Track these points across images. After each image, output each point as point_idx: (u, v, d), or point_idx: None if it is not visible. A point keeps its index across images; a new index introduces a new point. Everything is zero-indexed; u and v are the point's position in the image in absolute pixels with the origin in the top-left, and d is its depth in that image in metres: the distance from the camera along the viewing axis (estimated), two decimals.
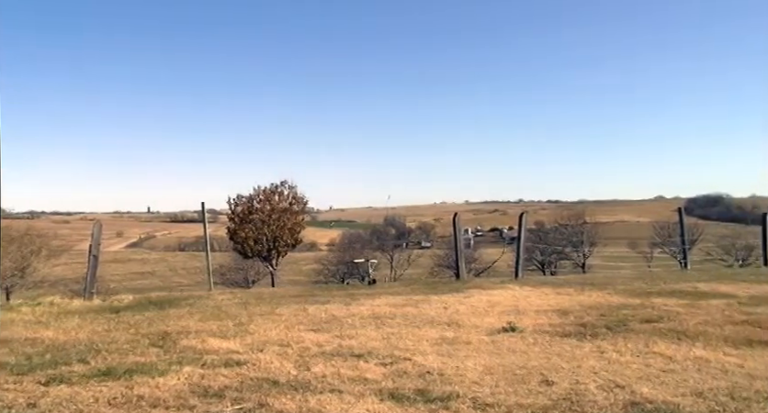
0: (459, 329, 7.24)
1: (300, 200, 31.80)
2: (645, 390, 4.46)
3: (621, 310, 8.20)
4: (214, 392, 4.60)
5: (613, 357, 5.65)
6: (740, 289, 10.22)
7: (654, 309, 8.24)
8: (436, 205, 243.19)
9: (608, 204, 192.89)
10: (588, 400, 4.26)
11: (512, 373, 5.06)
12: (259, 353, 5.98)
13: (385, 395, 4.49)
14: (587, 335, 6.67)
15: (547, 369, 5.18)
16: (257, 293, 12.67)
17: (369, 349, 6.12)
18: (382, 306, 9.14)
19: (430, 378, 4.95)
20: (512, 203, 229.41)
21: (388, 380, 4.91)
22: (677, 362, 5.41)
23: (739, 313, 7.80)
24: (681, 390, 4.48)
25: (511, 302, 9.35)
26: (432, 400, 4.33)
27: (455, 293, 10.44)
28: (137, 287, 43.87)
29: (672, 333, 6.63)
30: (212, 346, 6.37)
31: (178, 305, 9.78)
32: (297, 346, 6.32)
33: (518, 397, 4.36)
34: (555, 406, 4.17)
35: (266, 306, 9.47)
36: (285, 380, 4.92)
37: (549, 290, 10.64)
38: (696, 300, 8.98)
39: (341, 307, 9.04)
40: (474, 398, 4.34)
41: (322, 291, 12.91)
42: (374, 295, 10.59)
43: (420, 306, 8.95)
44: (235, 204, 31.21)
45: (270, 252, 30.62)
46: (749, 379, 4.80)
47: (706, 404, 4.14)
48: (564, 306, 8.81)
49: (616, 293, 10.07)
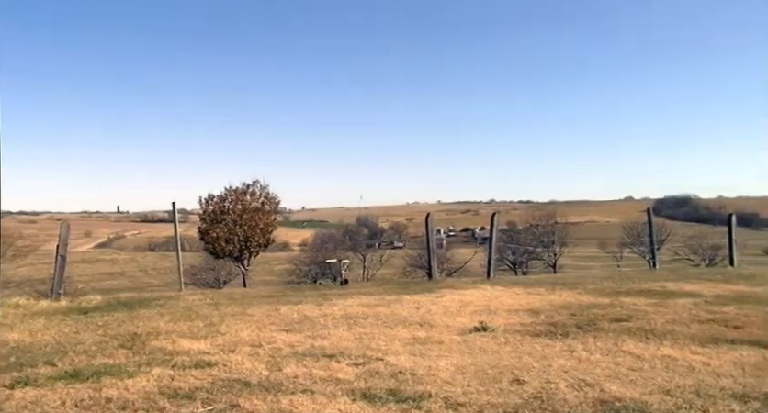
0: (431, 328, 7.26)
1: (272, 200, 31.67)
2: (614, 388, 4.51)
3: (591, 310, 8.29)
4: (184, 393, 4.55)
5: (583, 356, 5.70)
6: (707, 288, 10.39)
7: (623, 309, 8.34)
8: (409, 205, 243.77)
9: (579, 204, 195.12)
10: (558, 399, 4.30)
11: (483, 373, 5.08)
12: (230, 354, 5.93)
13: (357, 395, 4.48)
14: (558, 334, 6.73)
15: (518, 368, 5.21)
16: (229, 293, 12.58)
17: (341, 349, 6.10)
18: (354, 306, 9.12)
19: (402, 378, 4.95)
20: (484, 203, 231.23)
21: (360, 380, 4.90)
22: (645, 361, 5.49)
23: (706, 312, 7.93)
24: (649, 388, 4.54)
25: (483, 302, 9.40)
26: (404, 400, 4.33)
27: (427, 293, 10.47)
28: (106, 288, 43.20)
29: (641, 332, 6.72)
30: (183, 347, 6.30)
31: (148, 305, 9.66)
32: (268, 347, 6.28)
33: (490, 396, 4.38)
34: (526, 404, 4.19)
35: (238, 306, 9.40)
36: (256, 381, 4.88)
37: (521, 290, 10.72)
38: (664, 299, 9.11)
39: (313, 308, 9.01)
40: (446, 398, 4.34)
41: (295, 291, 12.85)
42: (346, 295, 10.57)
43: (392, 307, 8.96)
44: (206, 203, 30.97)
45: (242, 252, 30.42)
46: (714, 377, 4.88)
47: (674, 401, 4.20)
48: (535, 305, 8.88)
49: (586, 292, 10.18)
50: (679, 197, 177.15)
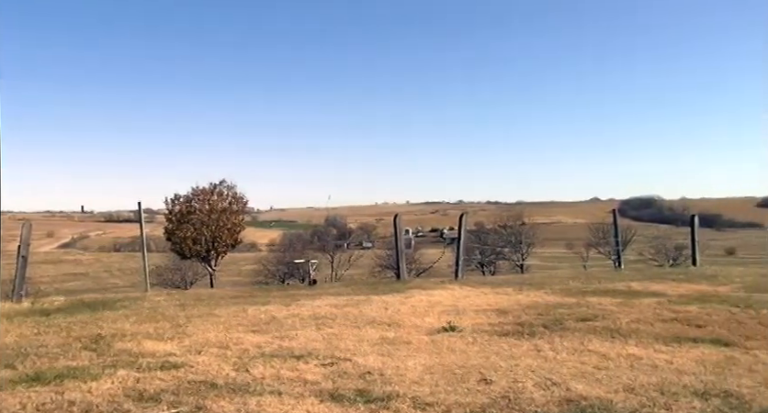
0: (400, 329, 7.27)
1: (240, 200, 31.48)
2: (580, 387, 4.56)
3: (557, 309, 8.38)
4: (150, 396, 4.48)
5: (549, 355, 5.76)
6: (670, 288, 10.58)
7: (589, 308, 8.45)
8: (378, 205, 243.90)
9: (546, 205, 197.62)
10: (525, 398, 4.33)
11: (451, 373, 5.10)
12: (197, 356, 5.86)
13: (325, 395, 4.46)
14: (525, 334, 6.78)
15: (485, 368, 5.24)
16: (195, 294, 12.46)
17: (309, 350, 6.07)
18: (323, 306, 9.09)
19: (370, 378, 4.94)
20: (452, 204, 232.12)
21: (328, 381, 4.88)
22: (611, 360, 5.56)
23: (669, 311, 8.07)
24: (614, 386, 4.60)
25: (451, 302, 9.44)
26: (372, 400, 4.33)
27: (395, 293, 10.47)
28: (69, 289, 42.50)
29: (606, 331, 6.81)
30: (148, 349, 6.21)
31: (113, 307, 9.51)
32: (236, 348, 6.23)
33: (457, 396, 4.40)
34: (493, 404, 4.22)
35: (205, 307, 9.31)
36: (223, 382, 4.84)
37: (488, 290, 10.79)
38: (629, 299, 9.25)
39: (281, 308, 8.96)
40: (414, 398, 4.35)
41: (262, 292, 12.78)
42: (314, 295, 10.54)
43: (361, 307, 8.95)
44: (173, 204, 30.65)
45: (209, 253, 30.17)
46: (677, 374, 4.97)
47: (638, 399, 4.26)
48: (503, 305, 8.95)
49: (553, 292, 10.29)
50: (644, 198, 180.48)
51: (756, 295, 9.29)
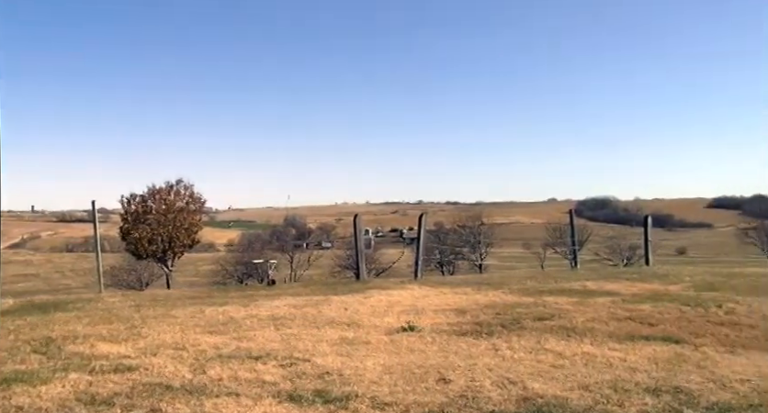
0: (359, 329, 7.27)
1: (198, 199, 31.06)
2: (536, 385, 4.62)
3: (515, 309, 8.47)
4: (102, 399, 4.39)
5: (507, 354, 5.82)
6: (624, 287, 10.79)
7: (546, 307, 8.57)
8: (337, 205, 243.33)
9: (504, 206, 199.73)
10: (483, 397, 4.37)
11: (410, 372, 5.11)
12: (152, 357, 5.77)
13: (283, 396, 4.43)
14: (483, 333, 6.84)
15: (444, 367, 5.27)
16: (151, 295, 12.26)
17: (268, 350, 6.03)
18: (281, 307, 9.04)
19: (329, 379, 4.93)
20: (412, 204, 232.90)
21: (286, 381, 4.85)
22: (566, 358, 5.65)
23: (623, 310, 8.24)
24: (569, 384, 4.68)
25: (410, 302, 9.47)
26: (331, 401, 4.31)
27: (355, 293, 10.46)
28: (18, 290, 41.29)
29: (563, 330, 6.92)
30: (101, 351, 6.09)
31: (65, 308, 9.30)
32: (192, 349, 6.14)
33: (416, 396, 4.41)
34: (451, 403, 4.25)
35: (161, 308, 9.16)
36: (179, 384, 4.76)
37: (447, 290, 10.85)
38: (585, 298, 9.41)
39: (239, 309, 8.87)
40: (373, 398, 4.35)
41: (220, 292, 12.64)
42: (273, 295, 10.47)
43: (320, 307, 8.91)
44: (128, 203, 30.09)
45: (165, 253, 29.70)
46: (630, 372, 5.07)
47: (592, 396, 4.34)
48: (461, 305, 9.01)
49: (511, 292, 10.39)
50: (599, 199, 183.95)
51: (705, 294, 9.54)
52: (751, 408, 4.05)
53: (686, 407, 4.09)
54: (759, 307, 8.23)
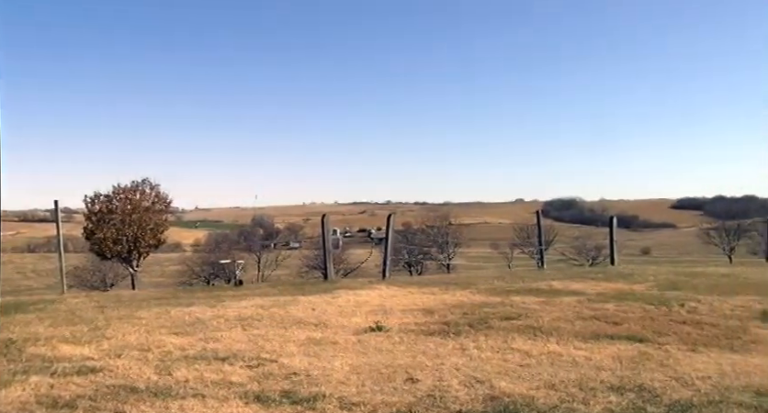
0: (327, 329, 7.25)
1: (164, 199, 30.61)
2: (503, 384, 4.66)
3: (482, 308, 8.53)
4: (65, 402, 4.31)
5: (474, 354, 5.86)
6: (590, 287, 10.94)
7: (513, 307, 8.64)
8: (305, 205, 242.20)
9: (472, 206, 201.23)
10: (450, 396, 4.40)
11: (378, 372, 5.12)
12: (116, 359, 5.68)
13: (250, 397, 4.40)
14: (450, 333, 6.87)
15: (412, 367, 5.29)
16: (116, 295, 12.08)
17: (235, 351, 5.98)
18: (249, 307, 8.97)
19: (296, 379, 4.91)
20: (380, 204, 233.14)
21: (253, 382, 4.82)
22: (533, 357, 5.70)
23: (589, 309, 8.35)
24: (536, 383, 4.73)
25: (378, 302, 9.48)
26: (298, 401, 4.30)
27: (322, 293, 10.44)
28: None
29: (529, 329, 6.99)
30: (64, 353, 5.98)
31: (26, 310, 9.10)
32: (158, 350, 6.07)
33: (384, 396, 4.42)
34: (419, 402, 4.26)
35: (126, 309, 9.03)
36: (144, 386, 4.70)
37: (415, 290, 10.89)
38: (551, 298, 9.51)
39: (206, 309, 8.79)
40: (340, 398, 4.35)
41: (186, 293, 12.51)
42: (240, 296, 10.40)
43: (287, 308, 8.87)
44: (92, 203, 29.52)
45: (131, 253, 29.22)
46: (595, 370, 5.14)
47: (558, 395, 4.39)
48: (429, 305, 9.04)
49: (479, 292, 10.46)
50: (566, 200, 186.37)
51: (669, 293, 9.72)
52: (711, 405, 4.13)
53: (649, 404, 4.16)
54: (720, 306, 8.41)
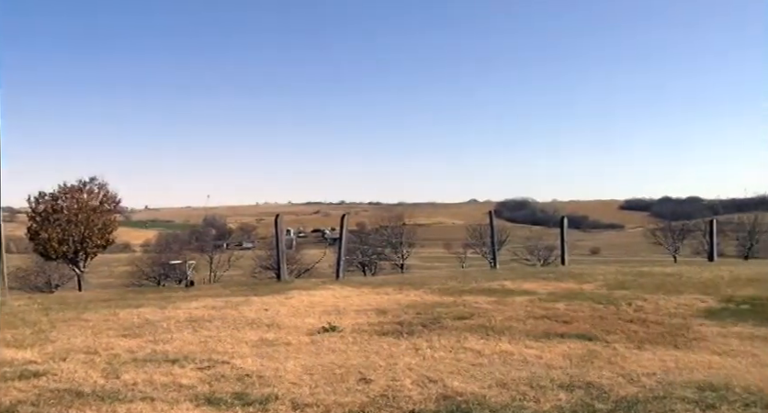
0: (280, 330, 7.19)
1: (112, 198, 29.95)
2: (456, 383, 4.69)
3: (436, 308, 8.58)
4: (5, 408, 4.16)
5: (427, 353, 5.88)
6: (541, 286, 11.10)
7: (466, 307, 8.71)
8: (258, 205, 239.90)
9: (426, 206, 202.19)
10: (403, 396, 4.40)
11: (331, 373, 5.09)
12: (61, 363, 5.52)
13: (201, 400, 4.33)
14: (404, 333, 6.89)
15: (365, 367, 5.28)
16: (61, 297, 11.78)
17: (185, 353, 5.88)
18: (200, 308, 8.85)
19: (248, 381, 4.85)
20: (334, 204, 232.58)
21: (204, 385, 4.75)
22: (485, 356, 5.76)
23: (540, 308, 8.48)
24: (488, 382, 4.77)
25: (331, 302, 9.45)
26: (250, 403, 4.25)
27: (276, 294, 10.37)
28: None
29: (482, 329, 7.05)
30: (5, 357, 5.78)
31: None
32: (105, 353, 5.92)
33: (337, 396, 4.40)
34: (372, 403, 4.25)
35: (71, 311, 8.80)
36: (90, 390, 4.58)
37: (369, 290, 10.89)
38: (504, 297, 9.62)
39: (155, 311, 8.64)
40: (293, 399, 4.31)
41: (136, 294, 12.27)
42: (192, 297, 10.25)
43: (240, 308, 8.78)
44: (37, 202, 28.68)
45: (77, 254, 28.50)
46: (546, 369, 5.22)
47: (509, 393, 4.44)
48: (383, 305, 9.05)
49: (432, 292, 10.52)
50: (518, 200, 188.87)
51: (617, 292, 9.93)
52: (656, 401, 4.23)
53: (597, 401, 4.24)
54: (665, 305, 8.64)
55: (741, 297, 9.16)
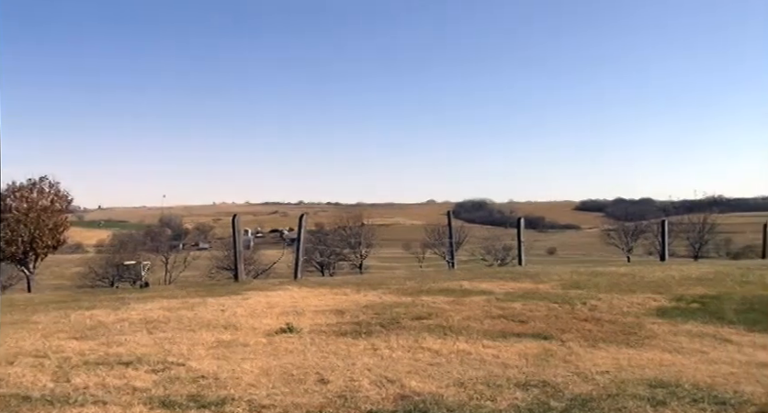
0: (237, 331, 7.11)
1: (64, 198, 29.24)
2: (413, 383, 4.70)
3: (394, 309, 8.59)
4: None
5: (385, 353, 5.89)
6: (498, 286, 11.20)
7: (424, 307, 8.74)
8: (216, 205, 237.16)
9: (385, 207, 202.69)
10: (361, 396, 4.40)
11: (288, 374, 5.06)
12: (9, 367, 5.36)
13: (155, 403, 4.26)
14: (362, 333, 6.89)
15: (323, 368, 5.26)
16: (9, 300, 11.45)
17: (139, 355, 5.77)
18: (155, 310, 8.69)
19: (204, 383, 4.78)
20: (292, 204, 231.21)
21: (159, 387, 4.66)
22: (443, 356, 5.79)
23: (497, 308, 8.55)
24: (445, 381, 4.79)
25: (289, 303, 9.38)
26: (206, 405, 4.19)
27: (233, 295, 10.25)
28: None
29: (439, 329, 7.09)
30: None
31: None
32: (55, 356, 5.77)
33: (294, 397, 4.37)
34: (330, 403, 4.24)
35: (20, 313, 8.56)
36: (39, 395, 4.45)
37: (327, 291, 10.85)
38: (461, 297, 9.68)
39: (109, 313, 8.46)
40: (250, 401, 4.27)
41: (88, 296, 11.98)
42: (146, 298, 10.06)
43: (196, 310, 8.65)
44: None
45: (26, 255, 27.74)
46: (502, 368, 5.27)
47: (466, 393, 4.47)
48: (341, 305, 9.02)
49: (390, 292, 10.52)
50: (476, 201, 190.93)
51: (572, 292, 10.08)
52: (609, 398, 4.31)
53: (552, 399, 4.30)
54: (618, 304, 8.81)
55: (691, 296, 9.40)
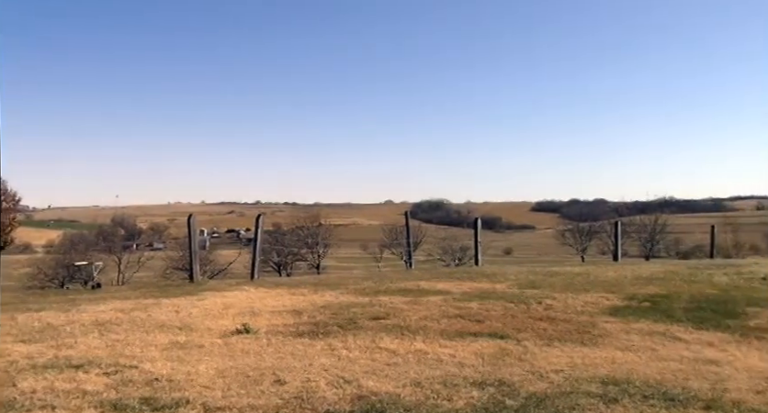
0: (192, 332, 7.01)
1: (12, 197, 28.50)
2: (371, 384, 4.70)
3: (351, 309, 8.57)
4: None
5: (343, 354, 5.88)
6: (455, 286, 11.27)
7: (381, 307, 8.75)
8: (170, 205, 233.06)
9: (343, 207, 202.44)
10: (318, 397, 4.38)
11: (244, 375, 5.01)
12: None
13: (107, 406, 4.17)
14: (319, 334, 6.86)
15: (279, 369, 5.22)
16: None
17: (90, 358, 5.64)
18: (107, 311, 8.50)
19: (158, 385, 4.70)
20: (249, 204, 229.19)
21: (110, 390, 4.56)
22: (400, 356, 5.80)
23: (454, 308, 8.61)
24: (402, 381, 4.81)
25: (246, 304, 9.29)
26: (159, 408, 4.12)
27: (188, 296, 10.09)
28: None
29: (397, 329, 7.10)
30: None
31: None
32: (1, 360, 5.60)
33: (250, 399, 4.33)
34: (286, 404, 4.21)
35: None
36: None
37: (284, 291, 10.77)
38: (418, 297, 9.72)
39: (58, 315, 8.24)
40: (204, 403, 4.21)
41: (37, 297, 11.66)
42: (98, 300, 9.83)
43: (150, 311, 8.50)
44: None
45: None
46: (459, 367, 5.31)
47: (423, 392, 4.49)
48: (298, 306, 8.97)
49: (348, 292, 10.50)
50: (433, 202, 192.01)
51: (528, 292, 10.21)
52: (563, 396, 4.38)
53: (508, 398, 4.35)
54: (572, 303, 8.96)
55: (643, 295, 9.62)
